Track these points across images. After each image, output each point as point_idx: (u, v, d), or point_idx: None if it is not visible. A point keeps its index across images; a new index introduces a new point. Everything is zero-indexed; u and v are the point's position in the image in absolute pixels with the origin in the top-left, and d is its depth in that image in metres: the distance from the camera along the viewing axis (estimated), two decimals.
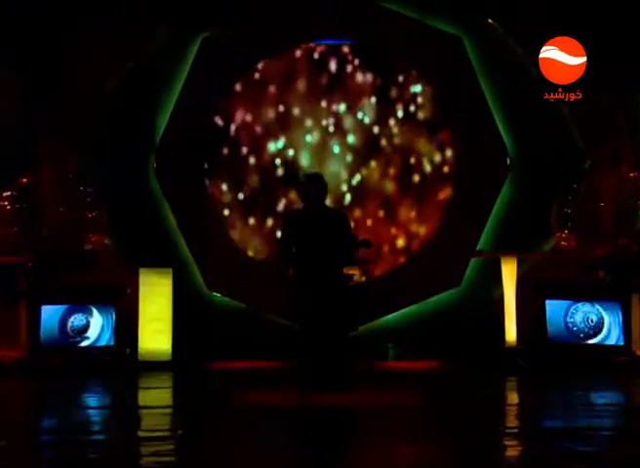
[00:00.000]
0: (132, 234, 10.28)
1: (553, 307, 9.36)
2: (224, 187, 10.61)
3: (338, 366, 6.91)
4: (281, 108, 10.68)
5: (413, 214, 10.62)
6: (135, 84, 10.33)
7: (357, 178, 10.65)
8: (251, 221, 10.58)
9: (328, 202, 7.67)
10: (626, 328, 9.00)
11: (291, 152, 10.60)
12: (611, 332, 9.08)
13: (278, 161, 10.59)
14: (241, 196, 10.58)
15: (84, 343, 9.19)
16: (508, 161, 10.47)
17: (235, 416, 6.44)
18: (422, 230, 10.62)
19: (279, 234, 7.18)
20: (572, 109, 9.96)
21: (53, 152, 9.87)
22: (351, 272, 8.11)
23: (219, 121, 10.58)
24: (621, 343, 9.00)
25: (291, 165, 10.59)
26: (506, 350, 9.35)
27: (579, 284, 9.40)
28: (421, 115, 10.64)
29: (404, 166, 10.64)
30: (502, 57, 10.26)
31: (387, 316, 10.44)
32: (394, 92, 10.63)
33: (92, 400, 7.52)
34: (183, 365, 9.21)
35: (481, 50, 10.35)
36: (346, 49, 10.64)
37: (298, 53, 10.67)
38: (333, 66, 10.65)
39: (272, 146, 10.63)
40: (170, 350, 9.23)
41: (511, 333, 9.38)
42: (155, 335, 9.22)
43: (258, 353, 9.77)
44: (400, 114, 10.63)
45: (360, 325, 9.88)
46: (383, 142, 10.67)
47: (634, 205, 9.79)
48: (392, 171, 10.66)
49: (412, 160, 10.63)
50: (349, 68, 10.67)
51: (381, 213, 10.65)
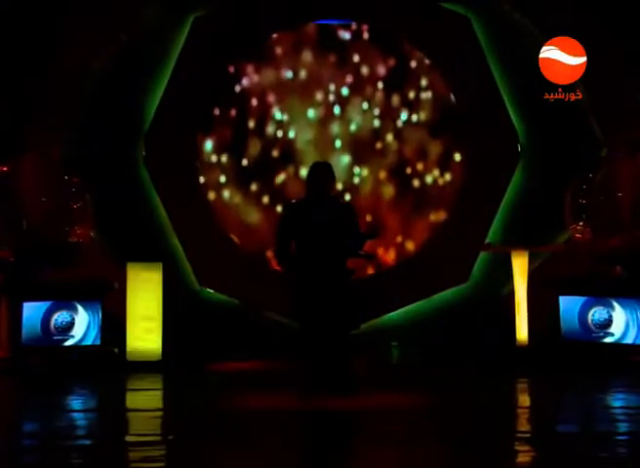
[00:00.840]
0: (119, 226, 10.30)
1: (567, 304, 9.35)
2: (219, 175, 10.64)
3: (340, 367, 6.89)
4: (281, 91, 10.68)
5: (418, 206, 10.64)
6: (122, 67, 10.33)
7: (361, 168, 10.66)
8: (247, 216, 10.59)
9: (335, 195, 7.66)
10: None
11: (291, 134, 10.60)
12: (628, 331, 9.07)
13: (276, 152, 10.61)
14: (236, 185, 10.60)
15: (68, 342, 9.18)
16: (519, 148, 10.47)
17: (230, 420, 6.43)
18: (427, 223, 10.63)
19: (278, 227, 7.10)
20: (588, 94, 9.95)
21: (35, 139, 9.85)
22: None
23: (212, 105, 10.58)
24: (639, 342, 8.99)
25: (289, 148, 10.60)
26: (517, 349, 9.35)
27: (594, 279, 9.39)
28: (429, 102, 10.64)
29: (410, 156, 10.66)
30: (514, 39, 10.25)
31: (391, 313, 10.45)
32: (402, 75, 10.64)
33: (77, 402, 7.51)
34: (174, 365, 9.20)
35: (491, 31, 10.34)
36: (354, 28, 10.66)
37: (298, 33, 10.68)
38: (338, 50, 10.71)
39: (271, 129, 10.63)
40: (160, 350, 9.23)
41: (522, 332, 9.38)
42: (144, 334, 9.22)
43: (253, 353, 9.80)
44: (408, 100, 10.66)
45: (362, 323, 9.89)
46: (391, 129, 10.68)
47: None
48: (398, 160, 10.68)
49: (418, 150, 10.66)
50: (357, 51, 10.69)
51: (385, 204, 10.66)
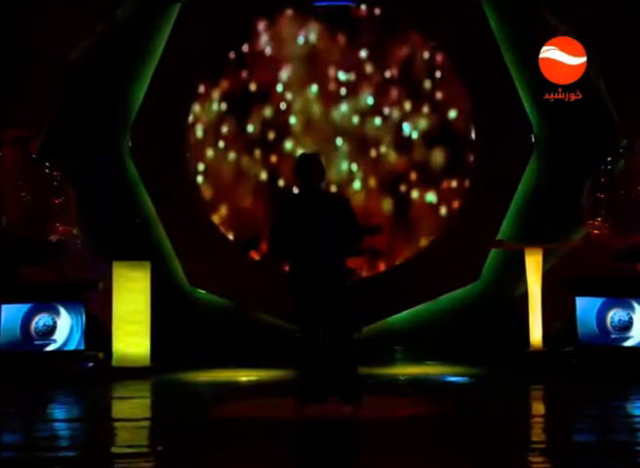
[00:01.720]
0: (104, 222, 10.28)
1: (584, 305, 9.33)
2: (208, 166, 10.66)
3: (341, 372, 6.88)
4: (277, 76, 10.70)
5: (427, 199, 10.64)
6: (106, 54, 10.32)
7: (362, 160, 10.69)
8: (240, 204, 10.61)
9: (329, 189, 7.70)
10: None
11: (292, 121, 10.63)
12: None
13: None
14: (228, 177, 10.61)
15: (50, 347, 9.16)
16: (533, 139, 10.47)
17: (222, 430, 6.43)
18: (437, 217, 10.64)
19: (274, 223, 7.10)
20: (607, 82, 9.95)
21: (13, 131, 9.84)
22: (356, 262, 8.05)
23: (201, 94, 10.59)
24: None
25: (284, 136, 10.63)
26: (531, 354, 9.34)
27: (613, 278, 9.38)
28: (439, 90, 10.65)
29: (418, 145, 10.67)
30: (527, 23, 10.25)
31: (395, 315, 10.45)
32: (411, 63, 10.67)
33: (59, 412, 7.51)
34: (163, 371, 9.18)
35: (504, 18, 10.36)
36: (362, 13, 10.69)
37: (299, 14, 10.71)
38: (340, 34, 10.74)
39: (264, 117, 10.64)
40: (148, 355, 9.22)
41: (536, 335, 9.38)
42: (131, 338, 9.21)
43: (248, 358, 9.79)
44: (416, 90, 10.69)
45: (365, 325, 9.89)
46: (397, 120, 10.69)
47: None
48: (405, 150, 10.70)
49: (427, 141, 10.67)
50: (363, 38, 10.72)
51: (392, 197, 10.67)
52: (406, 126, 10.69)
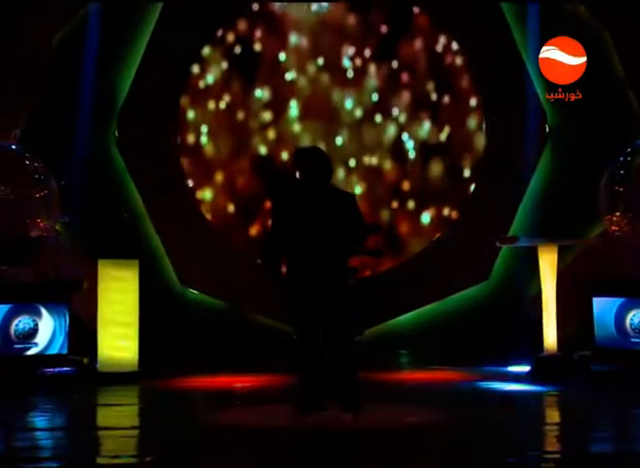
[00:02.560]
0: (89, 218, 10.29)
1: (602, 306, 9.34)
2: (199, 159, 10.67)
3: (342, 379, 6.88)
4: (272, 64, 10.72)
5: (434, 194, 10.67)
6: (90, 39, 10.33)
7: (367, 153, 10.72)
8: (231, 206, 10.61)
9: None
10: None
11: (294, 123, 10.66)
12: None
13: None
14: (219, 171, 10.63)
15: (31, 351, 9.16)
16: (547, 129, 10.47)
17: (215, 440, 6.42)
18: (445, 212, 10.65)
19: (272, 220, 7.08)
20: (626, 67, 9.95)
21: None
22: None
23: (191, 81, 10.61)
24: None
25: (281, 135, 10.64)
26: (545, 358, 9.35)
27: (632, 278, 9.38)
28: (453, 78, 10.69)
29: (427, 137, 10.69)
30: (542, 11, 10.29)
31: (400, 317, 10.45)
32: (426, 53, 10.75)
33: (41, 420, 7.49)
34: (152, 377, 9.18)
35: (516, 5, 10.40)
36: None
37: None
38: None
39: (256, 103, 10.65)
40: (136, 359, 9.22)
41: (551, 338, 9.38)
42: (118, 341, 9.21)
43: (242, 362, 9.80)
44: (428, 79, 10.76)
45: (367, 328, 9.89)
46: (405, 110, 10.71)
47: None
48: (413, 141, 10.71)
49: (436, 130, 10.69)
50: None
51: (395, 190, 10.70)
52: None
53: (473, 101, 10.71)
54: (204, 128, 10.70)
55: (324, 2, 10.75)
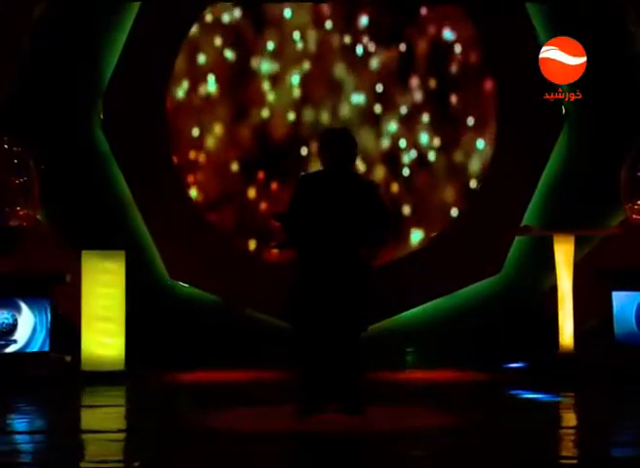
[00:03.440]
0: (72, 206, 10.31)
1: (622, 300, 9.34)
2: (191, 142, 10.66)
3: (345, 380, 6.88)
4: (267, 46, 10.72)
5: (442, 182, 10.66)
6: (73, 13, 10.30)
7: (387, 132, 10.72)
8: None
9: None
10: None
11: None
12: None
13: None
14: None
15: (10, 349, 9.16)
16: (563, 110, 10.45)
17: (207, 444, 6.42)
18: (454, 201, 10.65)
19: (290, 204, 7.06)
20: None
21: None
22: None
23: (181, 59, 10.58)
24: None
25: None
26: (561, 356, 9.35)
27: None
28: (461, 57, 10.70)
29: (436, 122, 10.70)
30: None
31: (406, 312, 10.45)
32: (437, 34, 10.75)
33: (20, 422, 7.49)
34: (140, 376, 9.19)
35: None
36: None
37: None
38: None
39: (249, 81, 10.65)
40: (122, 357, 9.23)
41: (567, 335, 9.38)
42: (103, 338, 9.22)
43: (236, 360, 9.80)
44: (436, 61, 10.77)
45: (370, 324, 9.88)
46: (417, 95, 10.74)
47: None
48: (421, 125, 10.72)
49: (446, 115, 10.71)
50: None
51: (402, 177, 10.69)
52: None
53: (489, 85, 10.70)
54: (196, 109, 10.68)
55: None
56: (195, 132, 10.61)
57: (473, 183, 10.60)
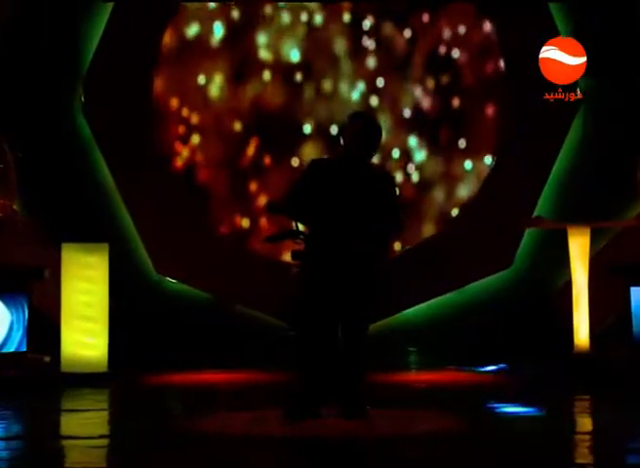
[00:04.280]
0: (51, 196, 10.31)
1: None
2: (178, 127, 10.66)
3: (347, 379, 6.88)
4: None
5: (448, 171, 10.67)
6: None
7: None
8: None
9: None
10: None
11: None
12: None
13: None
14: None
15: None
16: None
17: (196, 450, 6.41)
18: (461, 191, 10.66)
19: (295, 184, 7.03)
20: None
21: None
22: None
23: (167, 38, 10.58)
24: None
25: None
26: (576, 356, 9.35)
27: None
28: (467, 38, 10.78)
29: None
30: None
31: (410, 310, 10.46)
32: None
33: None
34: (124, 378, 9.20)
35: None
36: None
37: None
38: None
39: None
40: (105, 358, 9.23)
41: (582, 333, 9.39)
42: (85, 337, 9.21)
43: (226, 360, 9.81)
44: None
45: (372, 322, 9.87)
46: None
47: None
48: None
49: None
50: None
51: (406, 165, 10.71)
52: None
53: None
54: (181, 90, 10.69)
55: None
56: (184, 112, 10.64)
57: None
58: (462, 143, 10.72)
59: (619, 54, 10.14)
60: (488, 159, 10.66)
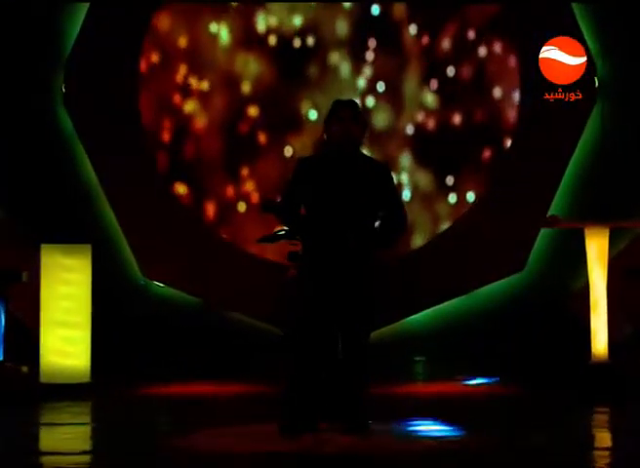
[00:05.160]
0: (30, 193, 10.33)
1: None
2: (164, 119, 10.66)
3: (349, 390, 6.86)
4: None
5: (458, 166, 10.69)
6: None
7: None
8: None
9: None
10: None
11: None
12: None
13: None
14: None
15: None
16: (596, 83, 10.47)
17: (184, 467, 6.38)
18: (470, 188, 10.66)
19: (285, 189, 7.07)
20: None
21: None
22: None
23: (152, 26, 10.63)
24: None
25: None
26: (593, 366, 9.33)
27: None
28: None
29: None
30: None
31: (415, 316, 10.46)
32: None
33: None
34: (108, 389, 9.20)
35: None
36: None
37: None
38: None
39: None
40: (88, 367, 9.22)
41: (600, 341, 9.35)
42: (66, 345, 9.20)
43: (217, 371, 9.81)
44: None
45: (374, 329, 9.86)
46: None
47: None
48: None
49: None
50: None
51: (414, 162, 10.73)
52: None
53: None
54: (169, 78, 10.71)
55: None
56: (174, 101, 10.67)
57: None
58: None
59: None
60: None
